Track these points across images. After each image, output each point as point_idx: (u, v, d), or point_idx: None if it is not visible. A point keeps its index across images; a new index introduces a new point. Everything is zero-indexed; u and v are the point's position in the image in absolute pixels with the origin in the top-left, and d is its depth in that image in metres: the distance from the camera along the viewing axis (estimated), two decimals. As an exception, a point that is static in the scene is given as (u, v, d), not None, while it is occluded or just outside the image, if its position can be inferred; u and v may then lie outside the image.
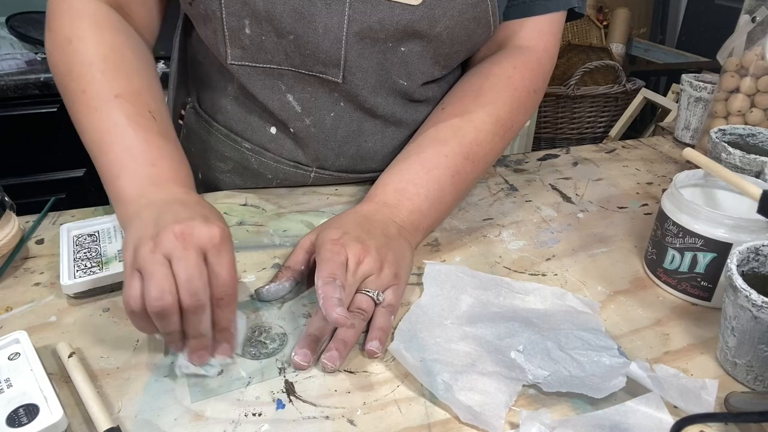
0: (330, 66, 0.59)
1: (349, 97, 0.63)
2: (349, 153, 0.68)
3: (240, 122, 0.67)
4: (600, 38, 2.32)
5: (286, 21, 0.56)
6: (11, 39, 1.42)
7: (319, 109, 0.63)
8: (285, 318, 0.51)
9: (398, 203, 0.57)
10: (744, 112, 0.74)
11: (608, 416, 0.41)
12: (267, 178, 0.70)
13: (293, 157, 0.68)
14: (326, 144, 0.66)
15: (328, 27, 0.57)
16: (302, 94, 0.63)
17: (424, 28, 0.58)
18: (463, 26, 0.59)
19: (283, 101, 0.63)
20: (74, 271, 0.53)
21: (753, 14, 0.73)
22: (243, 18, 0.57)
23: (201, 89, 0.71)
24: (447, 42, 0.60)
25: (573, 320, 0.50)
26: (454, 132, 0.61)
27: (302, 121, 0.64)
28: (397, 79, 0.62)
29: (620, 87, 2.17)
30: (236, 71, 0.61)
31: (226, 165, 0.70)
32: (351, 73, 0.60)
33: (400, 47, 0.59)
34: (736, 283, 0.42)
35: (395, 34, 0.58)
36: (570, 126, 2.24)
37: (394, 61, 0.61)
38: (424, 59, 0.62)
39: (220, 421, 0.41)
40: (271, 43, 0.59)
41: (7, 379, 0.42)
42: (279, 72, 0.61)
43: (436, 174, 0.59)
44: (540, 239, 0.63)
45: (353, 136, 0.66)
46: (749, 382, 0.45)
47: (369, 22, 0.57)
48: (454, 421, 0.41)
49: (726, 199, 0.57)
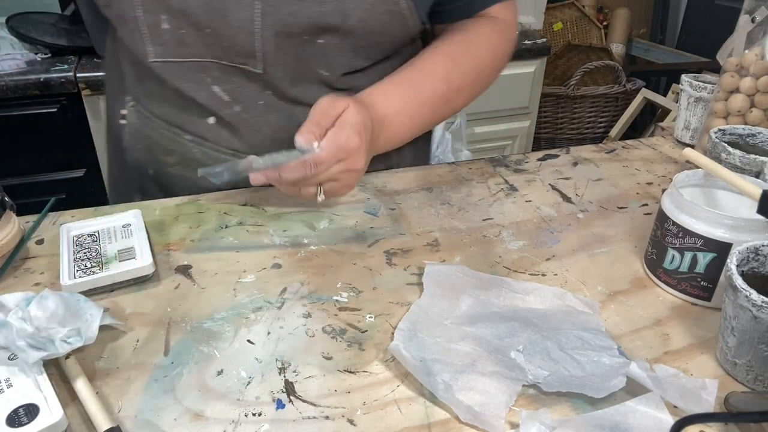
0: (249, 58, 0.61)
1: (273, 87, 0.64)
2: (284, 140, 0.66)
3: (178, 115, 0.68)
4: (600, 38, 2.33)
5: (200, 15, 0.58)
6: (11, 39, 1.42)
7: (247, 98, 0.65)
8: (285, 318, 0.51)
9: (390, 125, 0.63)
10: (744, 112, 0.74)
11: (608, 416, 0.41)
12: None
13: (230, 145, 0.68)
14: (259, 130, 0.67)
15: (241, 21, 0.58)
16: (228, 85, 0.64)
17: (337, 22, 0.59)
18: (376, 19, 0.61)
19: (210, 92, 0.64)
20: (74, 271, 0.53)
21: (753, 14, 0.73)
22: (159, 14, 0.58)
23: (137, 87, 0.70)
24: (362, 35, 0.62)
25: (573, 320, 0.50)
26: (444, 73, 0.67)
27: (231, 108, 0.65)
28: (317, 70, 0.64)
29: (620, 87, 2.17)
30: (159, 68, 0.62)
31: (172, 158, 0.71)
32: (271, 65, 0.62)
33: (317, 40, 0.61)
34: (736, 283, 0.42)
35: (309, 28, 0.59)
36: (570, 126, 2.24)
37: (313, 53, 0.62)
38: (344, 51, 0.63)
39: (220, 421, 0.41)
40: (191, 36, 0.60)
41: (7, 379, 0.42)
42: (202, 65, 0.62)
43: (424, 108, 0.67)
44: (540, 239, 0.63)
45: (285, 122, 0.66)
46: (749, 382, 0.45)
47: (281, 15, 0.58)
48: (454, 421, 0.41)
49: (726, 199, 0.57)
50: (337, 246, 0.61)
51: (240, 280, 0.55)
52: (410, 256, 0.59)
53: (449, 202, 0.70)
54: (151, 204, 0.68)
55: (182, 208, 0.67)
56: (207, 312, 0.51)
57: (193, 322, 0.50)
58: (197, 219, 0.65)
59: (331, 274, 0.57)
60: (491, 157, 0.81)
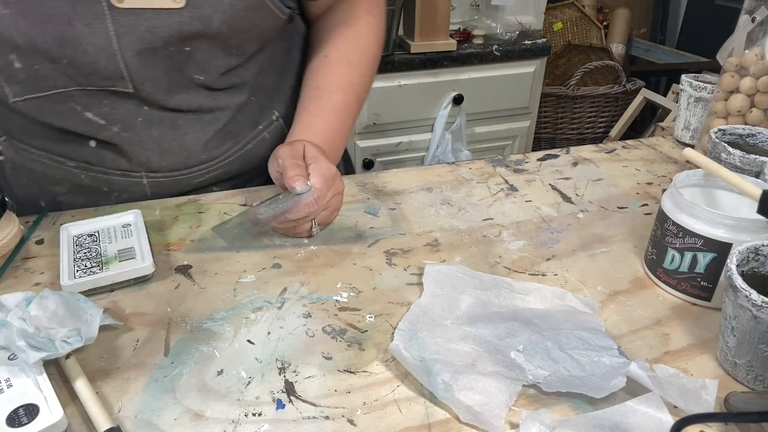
0: (116, 80, 0.58)
1: (148, 102, 0.62)
2: (172, 150, 0.66)
3: (56, 145, 0.65)
4: (600, 38, 2.33)
5: (52, 49, 0.55)
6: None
7: (124, 117, 0.62)
8: (285, 318, 0.51)
9: (330, 152, 0.67)
10: (744, 112, 0.73)
11: (608, 416, 0.41)
12: (104, 192, 0.68)
13: (118, 166, 0.67)
14: (144, 146, 0.65)
15: (97, 47, 0.55)
16: (100, 109, 0.61)
17: (199, 28, 0.57)
18: (240, 18, 0.59)
19: (83, 119, 0.61)
20: (74, 271, 0.53)
21: (753, 14, 0.73)
22: (7, 54, 0.55)
23: (7, 124, 0.66)
24: (230, 35, 0.60)
25: (573, 320, 0.50)
26: (348, 81, 0.71)
27: (110, 130, 0.63)
28: (192, 75, 0.62)
29: (620, 87, 2.17)
30: (23, 107, 0.60)
31: (62, 187, 0.68)
32: (140, 83, 0.59)
33: (184, 48, 0.59)
34: (736, 283, 0.42)
35: (172, 39, 0.57)
36: (570, 126, 2.25)
37: (184, 61, 0.60)
38: (215, 53, 0.61)
39: (220, 421, 0.41)
40: (47, 70, 0.57)
41: (7, 379, 0.42)
42: (67, 94, 0.59)
43: (347, 121, 0.71)
44: (540, 239, 0.63)
45: (169, 133, 0.65)
46: (749, 382, 0.45)
47: (138, 33, 0.56)
48: (454, 421, 0.41)
49: (726, 199, 0.57)
50: (337, 246, 0.61)
51: (240, 280, 0.55)
52: (410, 256, 0.59)
53: (449, 202, 0.70)
54: (151, 204, 0.68)
55: (182, 208, 0.67)
56: (207, 312, 0.51)
57: (193, 322, 0.50)
58: (197, 219, 0.65)
59: (331, 274, 0.57)
60: (491, 157, 0.81)
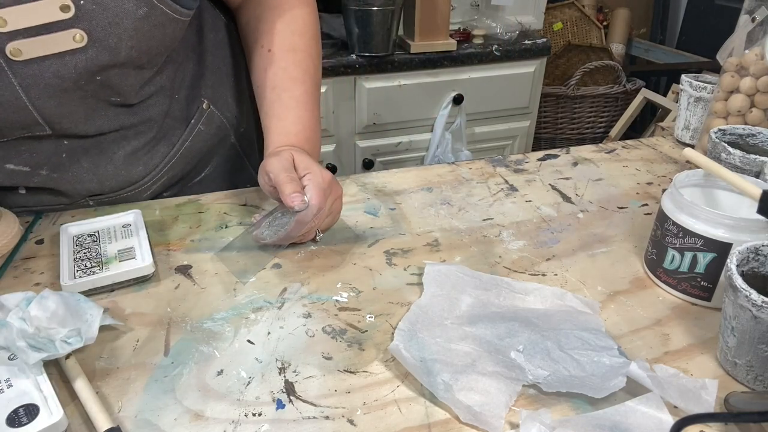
0: (32, 126, 0.56)
1: (69, 136, 0.60)
2: (108, 174, 0.65)
3: None
4: (600, 38, 2.33)
5: None
6: None
7: (48, 157, 0.61)
8: (285, 318, 0.51)
9: (312, 149, 0.66)
10: (744, 112, 0.73)
11: (608, 416, 0.41)
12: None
13: (59, 203, 0.66)
14: (79, 179, 0.64)
15: (5, 103, 0.53)
16: (20, 157, 0.59)
17: (107, 60, 0.55)
18: (148, 38, 0.56)
19: (6, 172, 0.60)
20: (74, 271, 0.53)
21: (753, 14, 0.73)
22: None
23: None
24: (140, 55, 0.57)
25: (573, 320, 0.50)
26: (301, 68, 0.69)
27: (38, 175, 0.61)
28: (108, 99, 0.60)
29: (620, 87, 2.17)
30: None
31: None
32: (57, 122, 0.57)
33: (95, 78, 0.56)
34: (736, 283, 0.42)
35: (80, 77, 0.55)
36: (570, 126, 2.25)
37: (97, 90, 0.58)
38: (127, 75, 0.59)
39: (220, 421, 0.41)
40: None
41: (7, 379, 0.42)
42: None
43: (314, 110, 0.69)
44: (540, 239, 0.63)
45: (99, 158, 0.64)
46: (749, 382, 0.45)
47: (45, 81, 0.53)
48: (454, 421, 0.41)
49: (726, 199, 0.57)
50: (337, 246, 0.61)
51: (240, 280, 0.55)
52: (410, 256, 0.59)
53: (449, 202, 0.70)
54: (151, 204, 0.68)
55: (182, 208, 0.67)
56: (207, 312, 0.51)
57: (193, 322, 0.50)
58: (197, 219, 0.65)
59: (331, 274, 0.57)
60: (491, 157, 0.81)
